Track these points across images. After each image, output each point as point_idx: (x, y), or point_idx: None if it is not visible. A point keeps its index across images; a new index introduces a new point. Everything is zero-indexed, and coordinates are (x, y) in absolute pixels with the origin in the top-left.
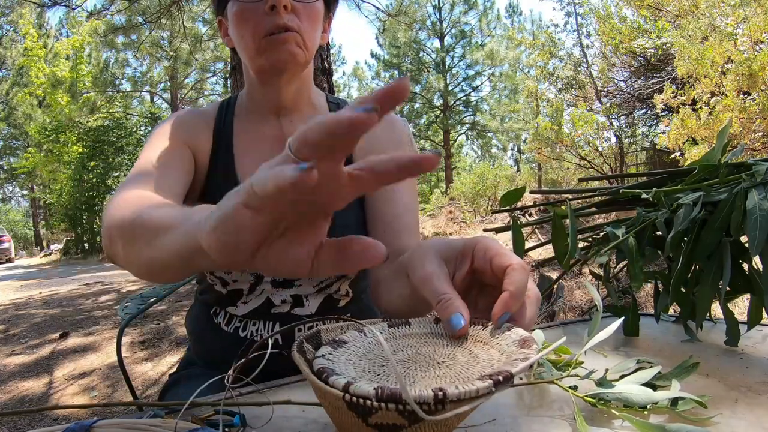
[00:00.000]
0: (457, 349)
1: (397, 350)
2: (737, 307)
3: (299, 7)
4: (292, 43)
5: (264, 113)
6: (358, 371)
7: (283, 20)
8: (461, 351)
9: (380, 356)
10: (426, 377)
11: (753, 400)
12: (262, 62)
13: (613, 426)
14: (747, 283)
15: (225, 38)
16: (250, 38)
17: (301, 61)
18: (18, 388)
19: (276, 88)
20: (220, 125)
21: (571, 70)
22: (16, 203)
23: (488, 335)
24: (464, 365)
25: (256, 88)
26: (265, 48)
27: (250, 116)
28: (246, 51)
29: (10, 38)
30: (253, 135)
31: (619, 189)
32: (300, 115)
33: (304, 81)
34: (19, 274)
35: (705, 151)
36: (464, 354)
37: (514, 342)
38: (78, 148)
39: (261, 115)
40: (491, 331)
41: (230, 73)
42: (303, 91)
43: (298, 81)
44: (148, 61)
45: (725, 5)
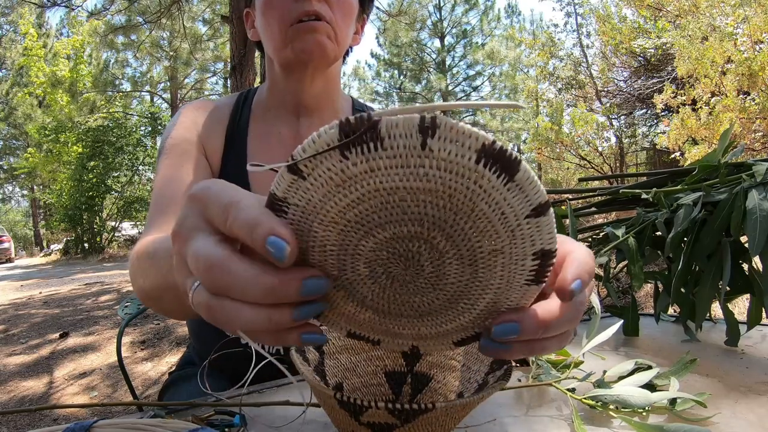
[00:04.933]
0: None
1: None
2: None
3: None
4: (322, 33)
5: (283, 111)
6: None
7: (314, 7)
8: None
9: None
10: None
11: (753, 400)
12: (287, 53)
13: (611, 426)
14: (747, 283)
15: (250, 31)
16: (276, 26)
17: (330, 55)
18: (18, 388)
19: (300, 82)
20: (235, 123)
21: (571, 70)
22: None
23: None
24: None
25: (278, 83)
26: (292, 37)
27: (267, 114)
28: (271, 41)
29: (9, 38)
30: (269, 136)
31: (619, 189)
32: (321, 117)
33: (330, 79)
34: (19, 274)
35: (705, 151)
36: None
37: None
38: (78, 148)
39: (279, 114)
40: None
41: (230, 73)
42: (328, 91)
43: (323, 78)
44: (148, 61)
45: (725, 5)
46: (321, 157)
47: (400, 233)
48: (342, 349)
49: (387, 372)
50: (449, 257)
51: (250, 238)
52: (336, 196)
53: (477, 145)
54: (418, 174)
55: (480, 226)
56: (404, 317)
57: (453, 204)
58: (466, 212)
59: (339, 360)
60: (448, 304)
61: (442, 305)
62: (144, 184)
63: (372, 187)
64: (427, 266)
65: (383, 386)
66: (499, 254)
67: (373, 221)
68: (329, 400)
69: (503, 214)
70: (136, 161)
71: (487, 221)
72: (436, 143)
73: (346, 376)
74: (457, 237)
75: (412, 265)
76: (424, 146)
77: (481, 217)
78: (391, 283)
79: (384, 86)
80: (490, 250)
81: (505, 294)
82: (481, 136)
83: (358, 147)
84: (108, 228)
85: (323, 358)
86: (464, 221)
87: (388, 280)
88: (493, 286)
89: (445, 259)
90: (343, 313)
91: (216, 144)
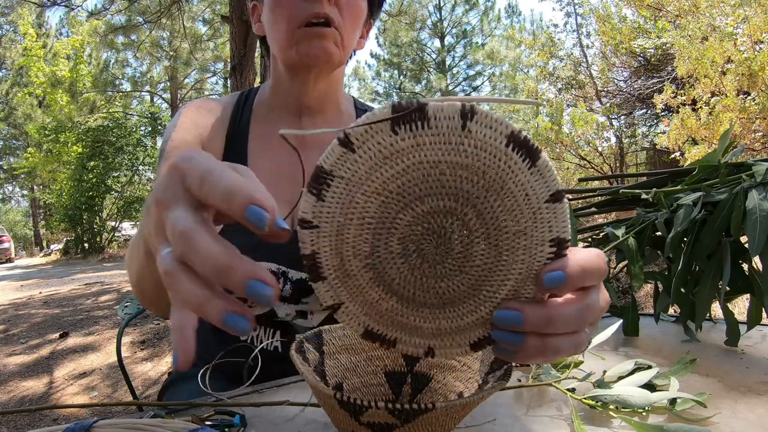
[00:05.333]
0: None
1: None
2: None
3: (342, 1)
4: (329, 40)
5: (285, 111)
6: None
7: (324, 9)
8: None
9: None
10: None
11: (753, 400)
12: (292, 55)
13: (611, 426)
14: (747, 283)
15: (256, 24)
16: (284, 26)
17: (335, 61)
18: (18, 388)
19: (303, 84)
20: (236, 123)
21: (571, 70)
22: (16, 203)
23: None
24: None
25: (282, 82)
26: (299, 39)
27: (269, 114)
28: (277, 40)
29: (9, 38)
30: (270, 136)
31: (619, 189)
32: (324, 118)
33: (333, 82)
34: (18, 274)
35: (705, 151)
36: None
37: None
38: (78, 148)
39: (281, 114)
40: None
41: (230, 73)
42: (331, 93)
43: (327, 80)
44: (148, 61)
45: (725, 5)
46: (372, 131)
47: (436, 207)
48: (342, 349)
49: (387, 372)
50: (478, 236)
51: (228, 207)
52: (382, 167)
53: (507, 132)
54: (458, 150)
55: (507, 204)
56: (427, 307)
57: (486, 180)
58: (496, 189)
59: (339, 360)
60: (472, 291)
61: (466, 292)
62: (144, 184)
63: (417, 159)
64: (457, 245)
65: (383, 386)
66: (521, 236)
67: (413, 193)
68: (329, 400)
69: (527, 196)
70: (136, 161)
71: (514, 200)
72: (474, 126)
73: (346, 376)
74: (487, 215)
75: (443, 243)
76: (464, 127)
77: (508, 195)
78: (421, 263)
79: (384, 86)
80: (515, 231)
81: (524, 284)
82: (510, 124)
83: (407, 125)
84: (108, 228)
85: (323, 358)
86: (494, 198)
87: (419, 259)
88: (514, 272)
89: (474, 238)
90: (366, 301)
91: (217, 144)
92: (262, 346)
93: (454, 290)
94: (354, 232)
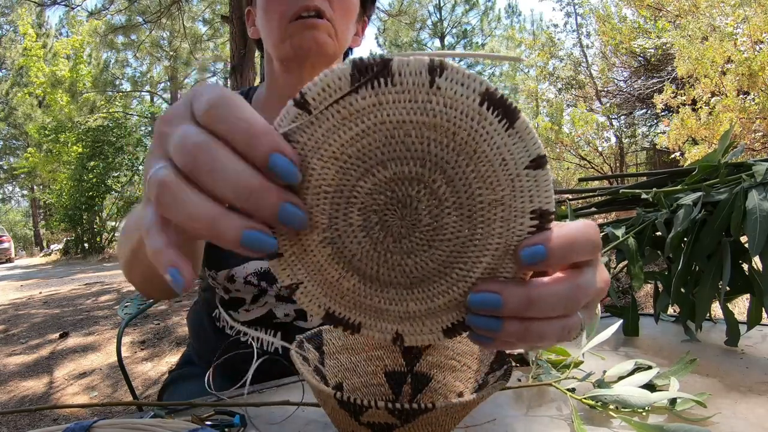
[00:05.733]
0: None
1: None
2: (737, 307)
3: None
4: (322, 31)
5: (280, 107)
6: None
7: (315, 2)
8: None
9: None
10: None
11: (753, 400)
12: (286, 49)
13: (611, 426)
14: (747, 283)
15: (251, 29)
16: (276, 22)
17: (329, 52)
18: (18, 388)
19: (299, 79)
20: None
21: (571, 70)
22: (16, 203)
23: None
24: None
25: (277, 80)
26: (292, 33)
27: (266, 113)
28: (270, 36)
29: (9, 38)
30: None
31: (619, 189)
32: None
33: None
34: (19, 274)
35: (705, 151)
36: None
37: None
38: (78, 148)
39: (277, 111)
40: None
41: (230, 73)
42: None
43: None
44: (148, 61)
45: (725, 5)
46: (330, 90)
47: (400, 173)
48: (342, 349)
49: (387, 372)
50: (448, 206)
51: (248, 146)
52: (340, 129)
53: (481, 89)
54: (425, 108)
55: (481, 170)
56: (393, 287)
57: (456, 143)
58: (469, 153)
59: (339, 360)
60: (443, 269)
61: (436, 270)
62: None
63: (378, 119)
64: (425, 216)
65: (383, 386)
66: (498, 206)
67: (375, 157)
68: (329, 400)
69: (503, 161)
70: (136, 161)
71: (489, 165)
72: (444, 82)
73: (345, 376)
74: (458, 182)
75: (409, 214)
76: (432, 84)
77: (483, 159)
78: (384, 236)
79: None
80: (490, 200)
81: (502, 261)
82: (485, 81)
83: (368, 82)
84: (108, 228)
85: (323, 358)
86: (466, 163)
87: (382, 232)
88: (491, 248)
89: (443, 208)
90: (326, 280)
91: None
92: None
93: (423, 267)
94: (310, 202)
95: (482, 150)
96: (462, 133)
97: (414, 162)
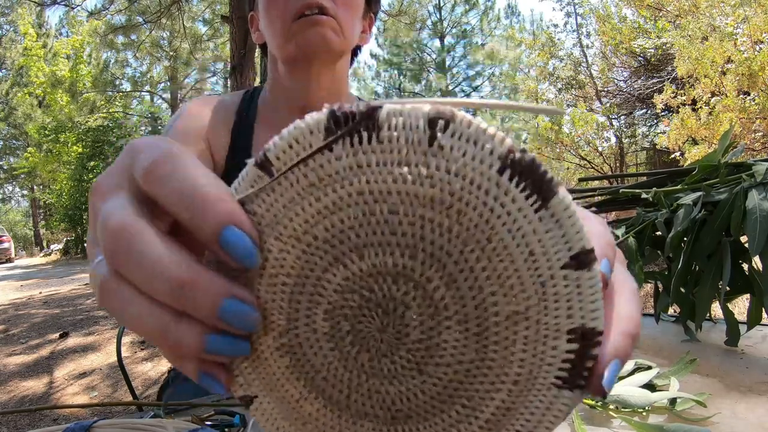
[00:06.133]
0: None
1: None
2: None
3: None
4: (326, 27)
5: (288, 113)
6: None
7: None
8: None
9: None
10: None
11: (753, 400)
12: (291, 49)
13: (611, 426)
14: (747, 283)
15: (255, 34)
16: (279, 22)
17: (336, 48)
18: (18, 388)
19: (306, 80)
20: (240, 121)
21: (571, 70)
22: (16, 203)
23: None
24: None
25: (283, 83)
26: (296, 32)
27: (272, 114)
28: (274, 38)
29: (9, 38)
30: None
31: (619, 189)
32: None
33: (337, 78)
34: (19, 274)
35: (705, 151)
36: None
37: None
38: (78, 148)
39: (285, 114)
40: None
41: (230, 73)
42: (334, 91)
43: (330, 74)
44: (148, 61)
45: (725, 5)
46: (298, 147)
47: (382, 266)
48: None
49: None
50: (448, 317)
51: (194, 216)
52: (306, 200)
53: (502, 150)
54: (420, 175)
55: (498, 269)
56: (368, 419)
57: (463, 227)
58: (480, 242)
59: None
60: (438, 404)
61: (429, 404)
62: None
63: (355, 188)
64: (415, 329)
65: None
66: (521, 321)
67: (348, 241)
68: None
69: (531, 254)
70: None
71: (509, 261)
72: (449, 140)
73: None
74: (464, 283)
75: (392, 324)
76: (432, 141)
77: (500, 252)
78: (358, 351)
79: (384, 86)
80: (509, 313)
81: (523, 398)
82: (507, 139)
83: (347, 137)
84: None
85: None
86: (476, 257)
87: (354, 346)
88: (507, 379)
89: (441, 320)
90: (283, 398)
91: (221, 141)
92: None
93: (410, 399)
94: (264, 295)
95: (500, 238)
96: (471, 212)
97: (401, 251)
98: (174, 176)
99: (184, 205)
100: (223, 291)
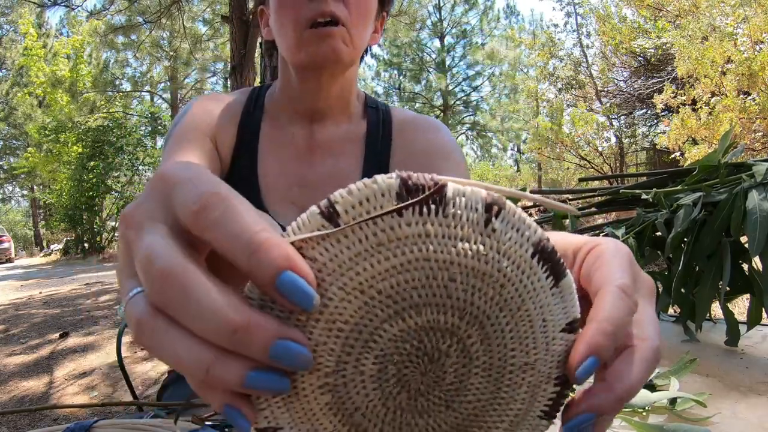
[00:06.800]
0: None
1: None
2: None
3: None
4: (337, 39)
5: (296, 115)
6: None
7: (330, 7)
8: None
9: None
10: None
11: (753, 400)
12: (301, 57)
13: (611, 426)
14: (747, 283)
15: (264, 29)
16: (291, 28)
17: (346, 60)
18: (18, 388)
19: (315, 88)
20: (247, 119)
21: (571, 70)
22: (16, 203)
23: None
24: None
25: (292, 85)
26: (307, 41)
27: (280, 115)
28: (285, 42)
29: (10, 38)
30: (281, 136)
31: (619, 189)
32: (334, 120)
33: (346, 84)
34: (19, 274)
35: (705, 151)
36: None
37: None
38: (78, 148)
39: (292, 117)
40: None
41: (230, 73)
42: (343, 96)
43: (339, 82)
44: (148, 61)
45: (725, 5)
46: (368, 206)
47: (435, 323)
48: None
49: None
50: (477, 365)
51: (246, 261)
52: (375, 257)
53: (534, 239)
54: (478, 252)
55: (521, 330)
56: None
57: (502, 297)
58: (512, 309)
59: None
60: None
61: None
62: (144, 184)
63: (423, 254)
64: (450, 374)
65: None
66: (529, 369)
67: (409, 299)
68: None
69: (544, 321)
70: (136, 161)
71: (530, 325)
72: (500, 225)
73: None
74: (495, 340)
75: (434, 370)
76: (488, 224)
77: (524, 318)
78: (399, 391)
79: (384, 86)
80: (522, 363)
81: (519, 426)
82: (539, 230)
83: (417, 207)
84: (108, 228)
85: None
86: (506, 320)
87: (397, 387)
88: (510, 413)
89: (472, 367)
90: (315, 430)
91: (227, 139)
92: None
93: (435, 429)
94: (317, 338)
95: (526, 308)
96: (509, 286)
97: (453, 312)
98: (227, 220)
99: (239, 249)
100: (276, 333)
